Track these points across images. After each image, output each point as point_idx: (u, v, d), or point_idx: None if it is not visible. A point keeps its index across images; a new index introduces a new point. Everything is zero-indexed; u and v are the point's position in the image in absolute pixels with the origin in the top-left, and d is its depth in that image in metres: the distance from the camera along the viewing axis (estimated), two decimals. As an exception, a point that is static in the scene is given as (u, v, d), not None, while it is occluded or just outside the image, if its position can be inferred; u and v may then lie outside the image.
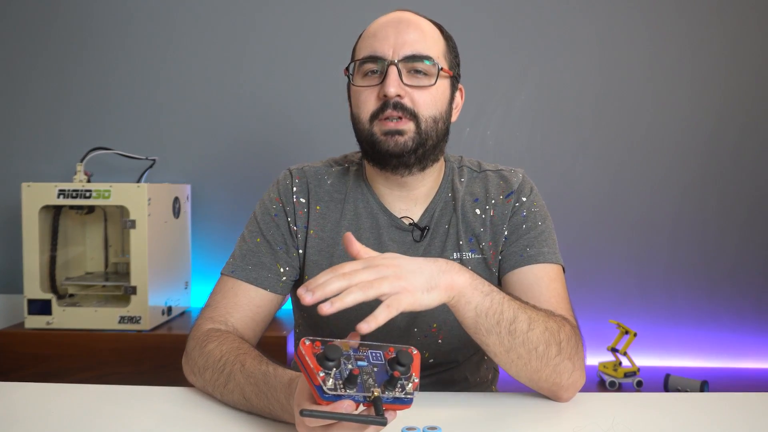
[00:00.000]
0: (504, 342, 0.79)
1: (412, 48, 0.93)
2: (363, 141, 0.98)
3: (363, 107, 0.95)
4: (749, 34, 2.04)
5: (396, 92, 0.92)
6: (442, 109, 0.96)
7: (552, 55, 2.08)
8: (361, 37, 1.01)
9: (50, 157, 2.12)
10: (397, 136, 0.93)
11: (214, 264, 2.14)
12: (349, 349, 0.65)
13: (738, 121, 2.06)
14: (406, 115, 0.93)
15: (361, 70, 0.96)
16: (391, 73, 0.92)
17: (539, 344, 0.80)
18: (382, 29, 0.96)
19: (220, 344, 0.88)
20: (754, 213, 2.07)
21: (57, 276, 1.80)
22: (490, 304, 0.77)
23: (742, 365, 2.07)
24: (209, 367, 0.86)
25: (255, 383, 0.78)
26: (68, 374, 1.71)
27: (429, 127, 0.94)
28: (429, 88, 0.94)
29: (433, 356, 1.01)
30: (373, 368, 0.65)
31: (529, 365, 0.81)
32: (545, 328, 0.82)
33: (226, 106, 2.12)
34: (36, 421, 0.79)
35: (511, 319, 0.79)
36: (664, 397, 0.93)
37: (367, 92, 0.95)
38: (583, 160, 2.08)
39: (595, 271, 2.08)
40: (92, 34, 2.11)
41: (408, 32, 0.94)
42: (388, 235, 1.01)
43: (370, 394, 0.62)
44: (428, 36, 0.96)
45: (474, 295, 0.76)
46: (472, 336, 0.81)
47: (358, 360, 0.65)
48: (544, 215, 1.03)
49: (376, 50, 0.94)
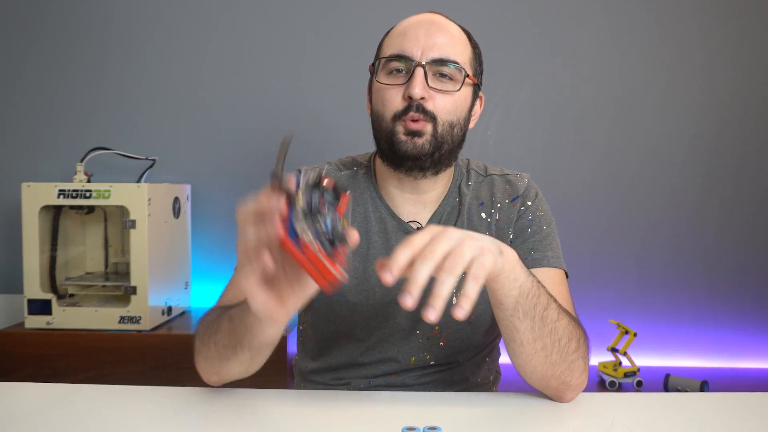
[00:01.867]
0: (535, 328, 0.78)
1: (441, 51, 0.93)
2: (382, 139, 0.97)
3: (387, 105, 0.95)
4: (749, 34, 2.04)
5: (421, 94, 0.91)
6: (461, 116, 0.96)
7: (552, 56, 2.08)
8: (389, 34, 1.00)
9: (50, 157, 2.12)
10: (417, 138, 0.93)
11: (214, 264, 2.14)
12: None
13: (738, 121, 2.06)
14: (426, 117, 0.93)
15: (387, 68, 0.95)
16: (417, 74, 0.91)
17: (563, 336, 0.81)
18: (413, 29, 0.95)
19: (218, 310, 0.89)
20: (754, 213, 2.07)
21: (57, 276, 1.81)
22: (531, 285, 0.77)
23: (742, 365, 2.07)
24: (205, 327, 0.87)
25: (231, 313, 0.80)
26: (68, 374, 1.71)
27: (445, 131, 0.94)
28: (453, 93, 0.94)
29: (435, 358, 1.01)
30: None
31: (549, 357, 0.81)
32: (568, 321, 0.83)
33: (226, 106, 2.12)
34: (36, 421, 0.79)
35: (545, 304, 0.79)
36: (664, 397, 0.93)
37: (392, 91, 0.94)
38: (583, 160, 2.08)
39: (595, 271, 2.08)
40: (92, 34, 2.11)
41: (438, 35, 0.94)
42: (396, 240, 1.00)
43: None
44: (457, 41, 0.96)
45: (521, 273, 0.75)
46: (507, 319, 0.78)
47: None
48: (548, 220, 1.03)
49: (404, 49, 0.94)
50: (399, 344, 1.00)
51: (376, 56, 1.01)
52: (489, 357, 1.09)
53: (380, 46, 1.01)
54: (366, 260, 1.00)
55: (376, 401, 0.88)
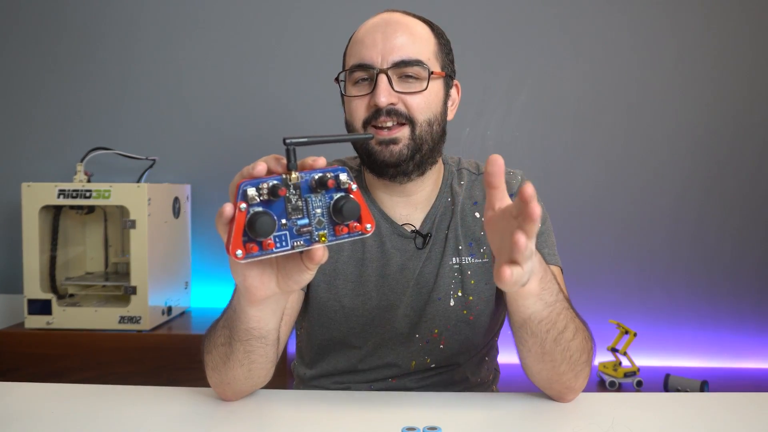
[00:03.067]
0: (545, 346, 0.80)
1: (401, 53, 0.91)
2: (359, 150, 0.97)
3: (355, 116, 0.94)
4: (747, 33, 2.04)
5: (387, 101, 0.90)
6: (436, 111, 0.95)
7: (552, 55, 2.08)
8: (350, 42, 0.98)
9: (50, 157, 2.12)
10: (392, 146, 0.92)
11: (214, 264, 2.14)
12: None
13: (738, 121, 2.06)
14: (401, 119, 0.91)
15: (351, 78, 0.94)
16: (380, 82, 0.90)
17: (575, 352, 0.82)
18: (370, 35, 0.93)
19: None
20: (753, 213, 2.07)
21: (57, 276, 1.81)
22: (548, 314, 0.77)
23: (742, 365, 2.07)
24: (208, 336, 0.86)
25: (226, 309, 0.81)
26: (68, 374, 1.71)
27: (424, 131, 0.93)
28: (421, 92, 0.92)
29: (435, 361, 1.01)
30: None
31: (557, 368, 0.82)
32: (584, 337, 0.83)
33: (226, 106, 2.12)
34: (36, 421, 0.79)
35: (561, 329, 0.79)
36: (664, 397, 0.93)
37: (358, 101, 0.93)
38: (583, 160, 2.08)
39: (594, 271, 2.08)
40: (92, 34, 2.11)
41: (396, 36, 0.92)
42: (390, 243, 1.00)
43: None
44: (417, 37, 0.93)
45: (536, 304, 0.75)
46: (513, 328, 0.81)
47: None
48: (543, 217, 1.02)
49: (363, 58, 0.92)
50: (398, 349, 1.00)
51: (342, 67, 0.99)
52: (488, 356, 1.09)
53: (344, 55, 0.99)
54: (362, 265, 0.99)
55: (376, 402, 0.88)
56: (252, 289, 0.66)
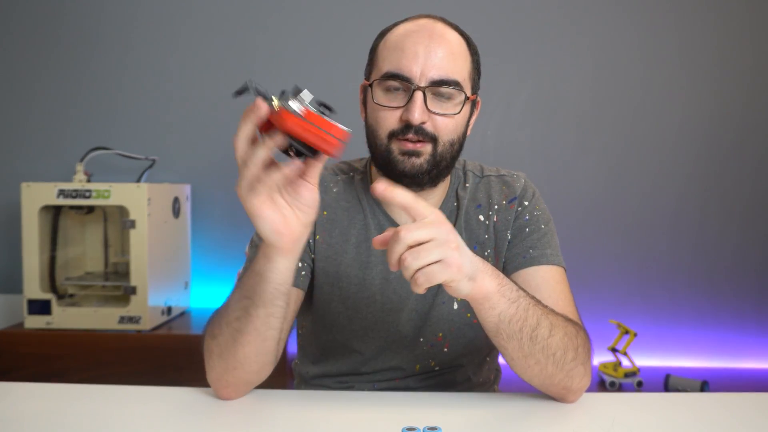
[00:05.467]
0: (524, 348, 0.79)
1: (440, 72, 0.88)
2: (377, 155, 0.95)
3: (382, 124, 0.92)
4: (747, 33, 2.04)
5: (420, 120, 0.88)
6: (460, 133, 0.94)
7: (552, 56, 2.08)
8: (385, 43, 0.94)
9: (50, 157, 2.12)
10: (414, 158, 0.91)
11: (214, 264, 2.14)
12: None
13: (738, 121, 2.06)
14: (426, 139, 0.90)
15: (383, 85, 0.91)
16: (416, 98, 0.88)
17: (557, 350, 0.81)
18: (411, 44, 0.90)
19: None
20: (754, 213, 2.07)
21: (57, 276, 1.81)
22: (515, 311, 0.77)
23: (742, 365, 2.07)
24: (211, 323, 0.85)
25: (242, 280, 0.82)
26: (68, 374, 1.71)
27: (446, 150, 0.92)
28: (453, 116, 0.91)
29: (439, 364, 1.01)
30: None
31: (545, 370, 0.82)
32: (564, 333, 0.82)
33: (226, 106, 2.11)
34: (36, 421, 0.79)
35: (534, 325, 0.79)
36: (664, 397, 0.93)
37: (388, 112, 0.91)
38: (583, 160, 2.08)
39: (595, 271, 2.08)
40: (92, 34, 2.11)
41: (437, 51, 0.89)
42: None
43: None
44: (457, 56, 0.91)
45: (500, 302, 0.76)
46: (492, 338, 0.80)
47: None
48: (546, 218, 1.03)
49: (402, 69, 0.89)
50: (403, 353, 1.00)
51: (369, 62, 0.97)
52: (489, 356, 1.09)
53: (375, 55, 0.96)
54: (366, 268, 0.99)
55: (377, 401, 0.88)
56: (282, 229, 0.72)
